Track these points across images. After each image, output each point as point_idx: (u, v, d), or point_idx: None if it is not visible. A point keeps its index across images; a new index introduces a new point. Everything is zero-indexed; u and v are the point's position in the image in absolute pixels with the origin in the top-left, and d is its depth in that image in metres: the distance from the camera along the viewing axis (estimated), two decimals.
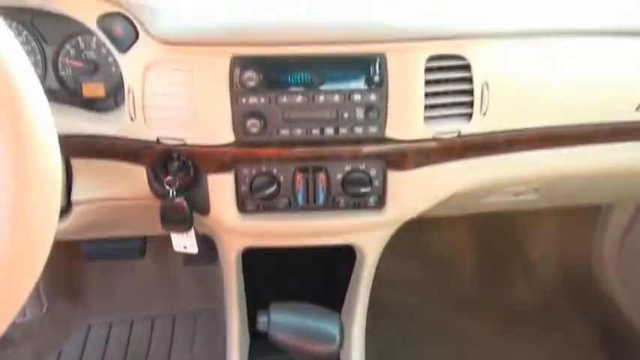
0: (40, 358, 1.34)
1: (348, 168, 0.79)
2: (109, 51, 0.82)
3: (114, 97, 0.84)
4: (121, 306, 1.41)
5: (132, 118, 0.75)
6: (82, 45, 0.83)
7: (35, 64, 0.87)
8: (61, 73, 0.87)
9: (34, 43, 0.86)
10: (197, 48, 0.72)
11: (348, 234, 0.87)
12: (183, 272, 1.43)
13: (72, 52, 0.85)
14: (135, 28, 0.73)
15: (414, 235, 0.96)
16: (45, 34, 0.85)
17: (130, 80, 0.74)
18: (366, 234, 0.87)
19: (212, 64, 0.72)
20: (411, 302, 1.43)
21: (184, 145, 0.75)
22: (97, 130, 0.78)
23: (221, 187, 0.78)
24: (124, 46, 0.73)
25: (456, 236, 1.54)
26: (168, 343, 1.34)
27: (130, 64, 0.74)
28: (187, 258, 1.41)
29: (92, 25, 0.75)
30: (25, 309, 1.38)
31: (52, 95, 0.87)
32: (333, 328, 0.68)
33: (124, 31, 0.73)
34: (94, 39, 0.83)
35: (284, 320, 0.68)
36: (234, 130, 0.74)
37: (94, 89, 0.86)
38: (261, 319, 0.69)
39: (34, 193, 0.46)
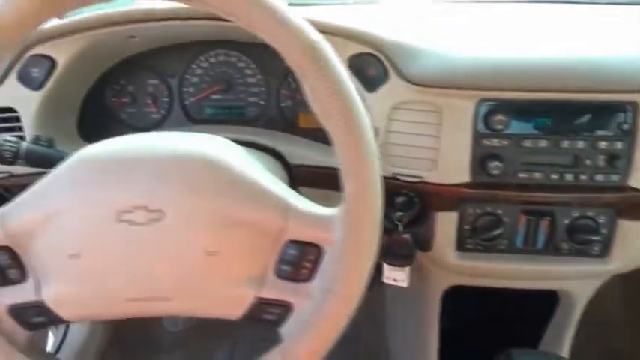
0: None
1: (575, 214, 0.77)
2: None
3: None
4: None
5: None
6: None
7: (259, 95, 0.92)
8: (282, 104, 0.91)
9: (259, 76, 0.91)
10: (446, 90, 0.73)
11: (564, 280, 0.85)
12: None
13: (293, 85, 0.90)
14: (385, 68, 0.76)
15: None
16: (269, 67, 0.90)
17: (375, 118, 0.76)
18: (583, 281, 0.85)
19: (459, 106, 0.73)
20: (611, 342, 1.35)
21: (421, 182, 0.76)
22: (323, 161, 0.81)
23: (446, 226, 0.79)
24: (374, 86, 0.76)
25: None
26: None
27: (377, 103, 0.76)
28: None
29: None
30: (178, 318, 1.44)
31: (270, 123, 0.92)
32: None
33: (377, 71, 0.75)
34: None
35: None
36: (472, 170, 0.75)
37: (309, 121, 0.90)
38: None
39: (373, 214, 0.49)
